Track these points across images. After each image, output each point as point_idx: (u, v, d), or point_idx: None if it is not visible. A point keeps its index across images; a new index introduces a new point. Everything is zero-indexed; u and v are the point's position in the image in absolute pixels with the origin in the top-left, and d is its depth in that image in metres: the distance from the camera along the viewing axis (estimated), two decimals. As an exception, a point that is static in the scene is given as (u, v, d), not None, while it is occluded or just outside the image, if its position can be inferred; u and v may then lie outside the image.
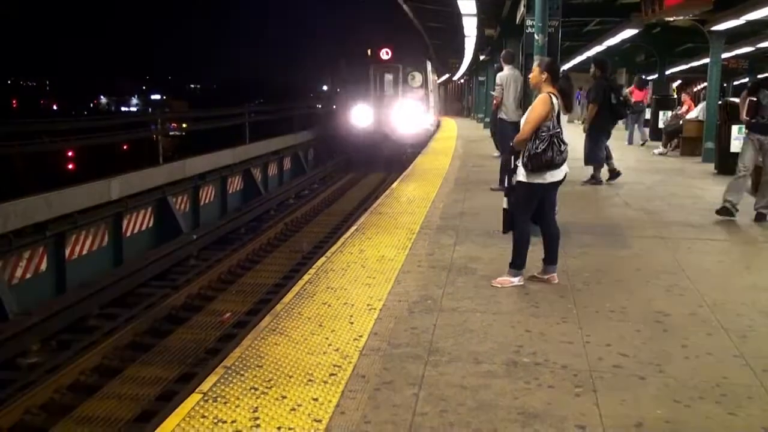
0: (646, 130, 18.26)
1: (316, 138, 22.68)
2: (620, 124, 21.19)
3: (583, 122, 11.31)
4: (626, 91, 18.69)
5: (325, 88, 25.62)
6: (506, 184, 5.59)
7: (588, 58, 21.24)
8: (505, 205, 5.62)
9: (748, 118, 8.05)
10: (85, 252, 9.87)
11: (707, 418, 3.36)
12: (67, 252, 9.41)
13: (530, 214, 5.50)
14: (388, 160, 20.73)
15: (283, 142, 19.51)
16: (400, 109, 21.75)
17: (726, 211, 7.97)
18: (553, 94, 5.31)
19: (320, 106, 28.57)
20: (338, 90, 22.68)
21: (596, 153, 10.89)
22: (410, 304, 5.00)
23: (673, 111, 17.55)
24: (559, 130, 5.26)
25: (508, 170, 5.56)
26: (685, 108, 16.56)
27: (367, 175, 20.67)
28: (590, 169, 10.99)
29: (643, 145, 17.62)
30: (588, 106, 10.89)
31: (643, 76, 21.09)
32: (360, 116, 21.73)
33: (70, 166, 25.25)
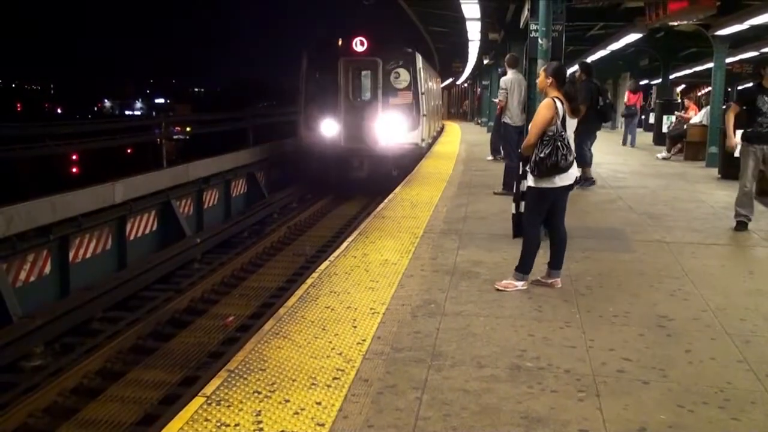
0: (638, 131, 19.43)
1: (262, 161, 17.38)
2: (620, 128, 21.65)
3: None
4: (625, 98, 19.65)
5: None
6: (516, 190, 5.59)
7: (592, 62, 21.29)
8: (513, 210, 5.63)
9: (743, 130, 7.73)
10: (89, 255, 9.90)
11: (710, 423, 3.36)
12: (71, 255, 9.43)
13: (541, 219, 5.51)
14: (364, 187, 16.45)
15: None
16: (380, 119, 16.35)
17: (744, 226, 7.73)
18: (558, 98, 5.32)
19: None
20: (301, 94, 16.91)
21: (583, 154, 10.91)
22: (413, 308, 5.00)
23: (677, 114, 17.58)
24: (563, 134, 5.27)
25: (517, 176, 5.56)
26: (691, 113, 16.59)
27: (329, 212, 15.72)
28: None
29: (626, 145, 18.61)
30: None
31: (637, 81, 21.44)
32: (326, 128, 16.37)
33: (74, 170, 25.29)
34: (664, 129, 18.03)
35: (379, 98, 16.46)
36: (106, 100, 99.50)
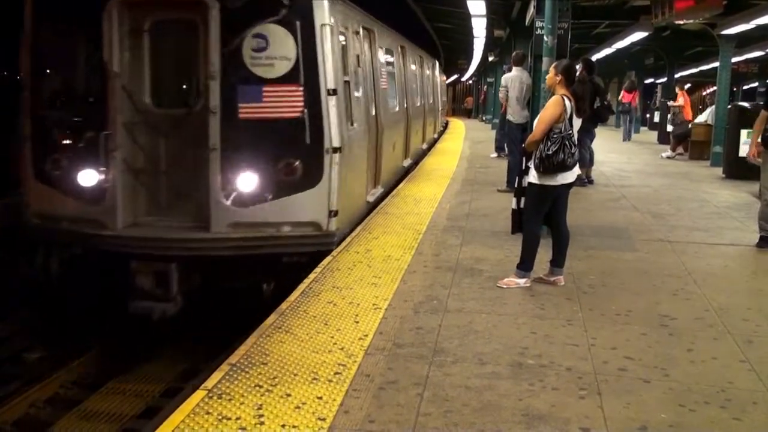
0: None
1: None
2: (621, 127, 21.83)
3: None
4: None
5: None
6: (517, 185, 5.58)
7: (597, 60, 21.31)
8: (514, 206, 5.62)
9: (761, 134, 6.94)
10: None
11: (712, 422, 3.36)
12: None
13: (542, 216, 5.50)
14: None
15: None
16: (215, 158, 6.02)
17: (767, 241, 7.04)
18: (567, 96, 5.31)
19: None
20: (25, 89, 6.57)
21: (581, 154, 10.84)
22: (416, 304, 5.00)
23: (670, 104, 17.49)
24: (570, 132, 5.27)
25: (519, 172, 5.55)
26: (680, 100, 16.45)
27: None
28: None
29: (626, 141, 19.61)
30: None
31: (633, 80, 21.67)
32: (77, 180, 6.19)
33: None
34: (669, 128, 18.03)
35: (214, 102, 6.08)
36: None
